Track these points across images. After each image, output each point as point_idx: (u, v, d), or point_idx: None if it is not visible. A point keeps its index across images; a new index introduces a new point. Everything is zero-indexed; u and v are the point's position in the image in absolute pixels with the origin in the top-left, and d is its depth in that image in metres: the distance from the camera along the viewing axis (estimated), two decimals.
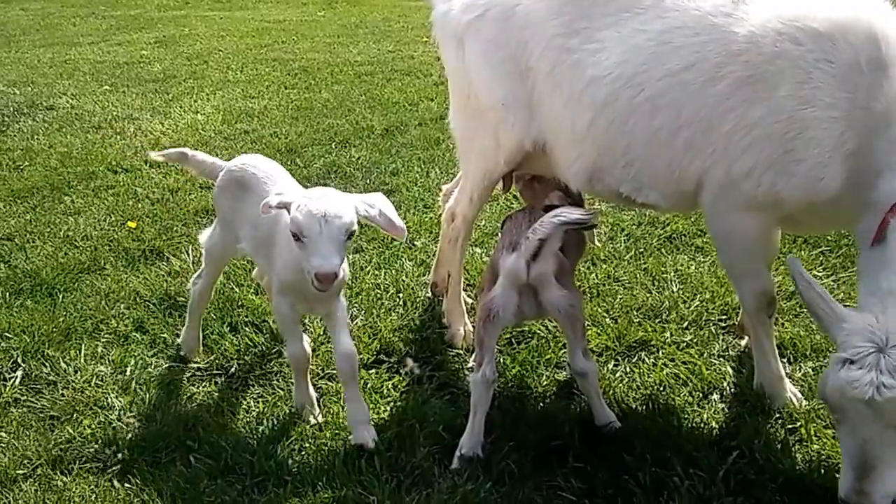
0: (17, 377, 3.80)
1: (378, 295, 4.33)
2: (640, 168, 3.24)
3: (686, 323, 3.96)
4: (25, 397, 3.69)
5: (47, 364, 3.87)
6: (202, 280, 3.85)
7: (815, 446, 3.11)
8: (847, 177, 2.89)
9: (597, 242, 4.55)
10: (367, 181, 5.79)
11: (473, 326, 3.86)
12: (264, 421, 3.44)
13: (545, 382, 3.62)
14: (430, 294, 4.31)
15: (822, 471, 2.99)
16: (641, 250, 4.65)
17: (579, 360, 3.15)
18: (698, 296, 4.17)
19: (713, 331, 3.90)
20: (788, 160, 2.93)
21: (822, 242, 4.44)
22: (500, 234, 3.51)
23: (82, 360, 3.89)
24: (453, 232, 3.98)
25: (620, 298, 4.15)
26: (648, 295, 4.20)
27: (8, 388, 3.73)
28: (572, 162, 3.40)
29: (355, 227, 3.00)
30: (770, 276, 3.30)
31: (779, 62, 2.93)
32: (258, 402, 3.57)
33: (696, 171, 3.12)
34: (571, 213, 3.07)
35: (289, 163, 6.16)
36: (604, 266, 4.45)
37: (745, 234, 3.16)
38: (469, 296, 4.28)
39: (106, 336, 4.07)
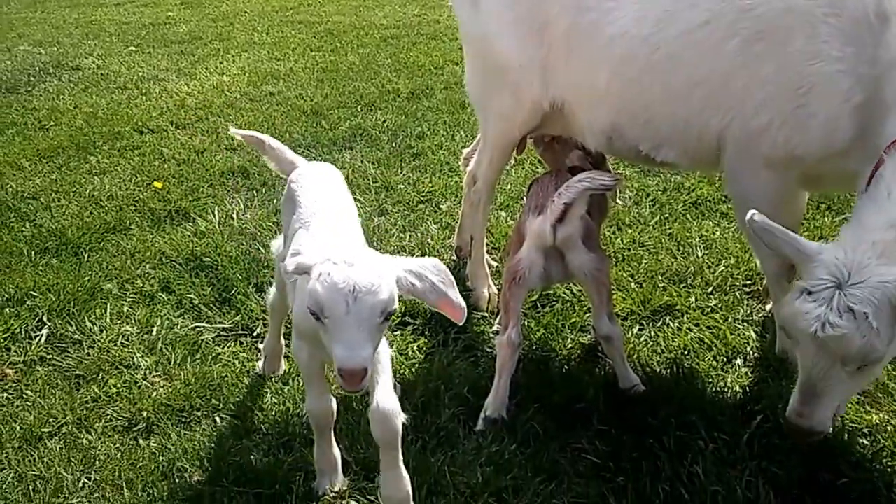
0: (42, 336, 3.84)
1: (403, 257, 4.31)
2: (659, 126, 3.23)
3: (711, 288, 3.92)
4: (51, 356, 3.73)
5: (73, 323, 3.90)
6: (272, 291, 3.40)
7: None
8: (857, 129, 2.88)
9: (619, 202, 4.52)
10: (393, 144, 5.76)
11: (498, 289, 3.84)
12: (290, 381, 3.45)
13: (570, 346, 3.60)
14: (455, 257, 4.30)
15: (846, 436, 2.96)
16: (667, 215, 4.60)
17: (604, 323, 3.14)
18: (723, 261, 4.12)
19: (738, 296, 3.87)
20: (801, 115, 2.92)
21: (846, 209, 4.38)
22: (526, 198, 3.48)
23: (108, 320, 3.92)
24: (475, 195, 3.97)
25: (645, 263, 4.12)
26: (673, 260, 4.16)
27: (34, 347, 3.77)
28: (591, 121, 3.38)
29: (395, 305, 2.29)
30: None
31: (788, 17, 2.91)
32: (283, 362, 3.58)
33: (715, 128, 3.10)
34: (596, 178, 3.06)
35: (314, 125, 6.16)
36: (629, 231, 4.41)
37: (764, 195, 3.11)
38: (494, 259, 4.26)
39: (132, 296, 4.10)
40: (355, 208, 3.05)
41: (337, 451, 2.93)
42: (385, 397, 2.60)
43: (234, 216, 4.72)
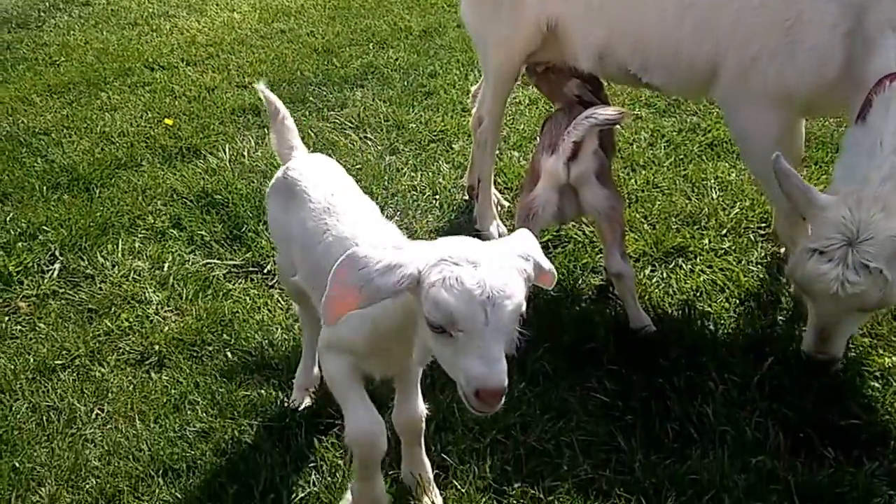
0: (54, 270, 3.86)
1: (414, 197, 4.29)
2: (650, 47, 3.24)
3: (725, 230, 3.89)
4: (63, 290, 3.74)
5: (85, 258, 3.91)
6: (297, 306, 3.13)
7: (852, 354, 3.07)
8: (846, 59, 2.88)
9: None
10: (405, 83, 5.68)
11: (509, 229, 3.82)
12: (299, 318, 3.45)
13: (581, 286, 3.59)
14: (466, 197, 4.27)
15: (858, 379, 2.95)
16: (682, 157, 4.54)
17: (616, 261, 3.13)
18: (738, 203, 4.08)
19: (752, 238, 3.83)
20: (791, 45, 2.93)
21: None
22: (539, 137, 3.44)
23: (120, 255, 3.93)
24: (482, 136, 3.95)
25: (659, 204, 4.08)
26: (687, 201, 4.12)
27: (46, 281, 3.79)
28: (583, 39, 3.39)
29: (523, 307, 1.94)
30: None
31: None
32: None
33: (706, 56, 3.11)
34: (601, 114, 3.04)
35: (325, 63, 6.07)
36: (643, 172, 4.36)
37: (762, 132, 3.12)
38: (507, 199, 4.23)
39: (143, 232, 4.10)
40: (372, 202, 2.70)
41: (383, 487, 2.47)
42: (414, 404, 2.50)
43: (245, 154, 4.69)
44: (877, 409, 2.85)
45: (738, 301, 3.44)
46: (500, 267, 1.91)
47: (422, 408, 2.55)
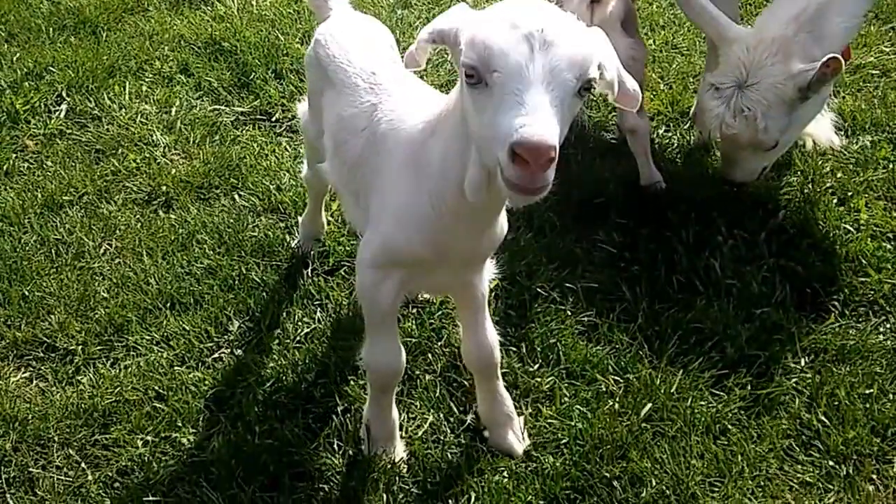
0: (62, 110, 3.81)
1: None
2: None
3: None
4: (71, 130, 3.70)
5: (91, 99, 3.85)
6: (304, 167, 2.87)
7: (864, 215, 3.05)
8: None
9: None
10: None
11: None
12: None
13: (591, 144, 3.53)
14: None
15: (869, 240, 2.93)
16: None
17: (631, 115, 3.05)
18: None
19: None
20: None
21: (894, 18, 4.16)
22: None
23: (127, 98, 3.87)
24: None
25: (677, 65, 3.97)
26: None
27: (53, 121, 3.75)
28: None
29: (594, 73, 1.59)
30: None
31: None
32: (302, 147, 3.54)
33: None
34: None
35: None
36: (662, 32, 4.23)
37: None
38: None
39: (150, 76, 4.02)
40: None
41: (396, 415, 2.36)
42: (485, 334, 2.23)
43: (254, 2, 4.54)
44: (887, 268, 2.84)
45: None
46: (562, 16, 1.58)
47: (495, 337, 2.25)
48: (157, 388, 2.60)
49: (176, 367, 2.67)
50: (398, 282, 2.05)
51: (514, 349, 2.60)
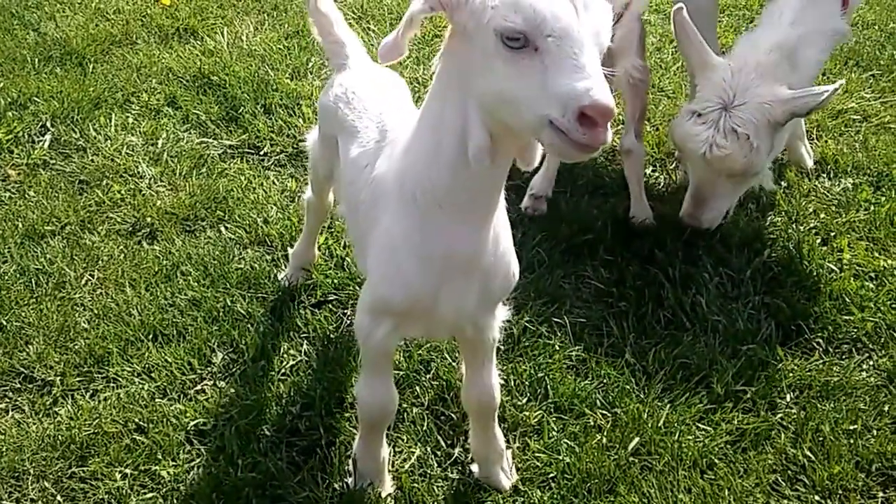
0: (46, 140, 3.79)
1: (416, 88, 4.21)
2: None
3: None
4: (54, 161, 3.68)
5: (77, 130, 3.84)
6: (308, 192, 2.83)
7: (847, 255, 3.08)
8: None
9: None
10: None
11: None
12: (295, 199, 3.42)
13: (580, 182, 3.55)
14: None
15: (853, 279, 2.96)
16: None
17: (630, 138, 3.17)
18: None
19: None
20: None
21: (874, 66, 4.26)
22: None
23: (112, 130, 3.85)
24: None
25: (663, 107, 4.02)
26: None
27: (37, 151, 3.72)
28: None
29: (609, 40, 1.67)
30: None
31: None
32: (290, 181, 3.54)
33: None
34: None
35: None
36: (650, 75, 4.28)
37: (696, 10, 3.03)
38: None
39: (137, 108, 4.01)
40: None
41: (386, 451, 2.33)
42: (488, 378, 2.20)
43: (244, 38, 4.57)
44: (869, 307, 2.86)
45: (738, 202, 3.41)
46: None
47: (497, 381, 2.22)
48: (137, 420, 2.55)
49: (157, 399, 2.62)
50: (393, 328, 2.04)
51: (503, 383, 2.58)
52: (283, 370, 2.70)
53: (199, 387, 2.67)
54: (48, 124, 3.87)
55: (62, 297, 2.99)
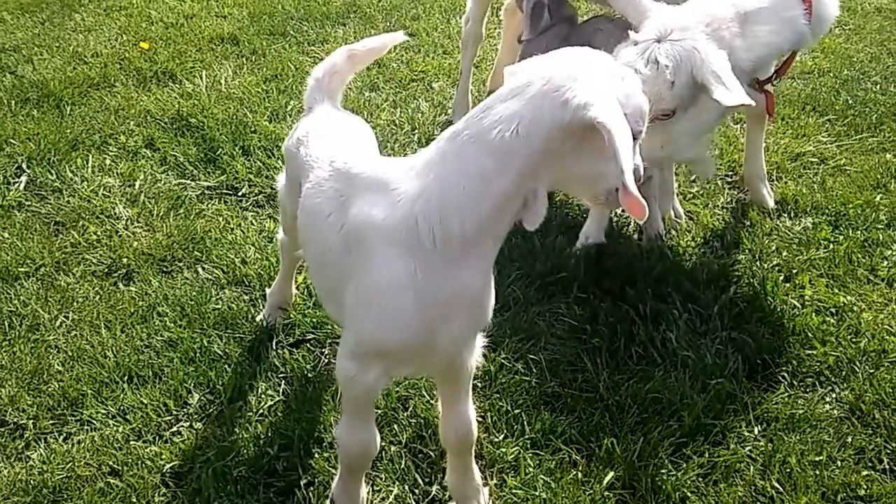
0: (21, 182, 3.81)
1: (393, 131, 4.28)
2: None
3: (693, 176, 3.94)
4: (30, 202, 3.70)
5: (53, 172, 3.87)
6: (280, 233, 2.92)
7: (809, 292, 3.17)
8: None
9: None
10: (388, 23, 5.62)
11: None
12: (273, 239, 3.45)
13: (554, 221, 3.61)
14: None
15: (814, 315, 3.04)
16: None
17: None
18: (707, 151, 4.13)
19: (719, 184, 3.88)
20: None
21: (829, 111, 4.41)
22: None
23: (89, 171, 3.89)
24: (465, 35, 4.27)
25: None
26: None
27: (12, 192, 3.74)
28: None
29: None
30: None
31: None
32: (268, 221, 3.58)
33: None
34: None
35: (307, 1, 5.96)
36: None
37: None
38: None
39: (114, 150, 4.05)
40: None
41: (365, 492, 2.38)
42: (466, 412, 2.22)
43: (223, 81, 4.64)
44: (831, 341, 2.93)
45: (703, 240, 3.50)
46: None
47: (473, 414, 2.24)
48: (111, 463, 2.55)
49: (132, 442, 2.62)
50: (384, 372, 2.05)
51: (481, 420, 2.62)
52: (260, 410, 2.71)
53: (174, 428, 2.68)
54: (24, 166, 3.90)
55: (35, 339, 3.00)
